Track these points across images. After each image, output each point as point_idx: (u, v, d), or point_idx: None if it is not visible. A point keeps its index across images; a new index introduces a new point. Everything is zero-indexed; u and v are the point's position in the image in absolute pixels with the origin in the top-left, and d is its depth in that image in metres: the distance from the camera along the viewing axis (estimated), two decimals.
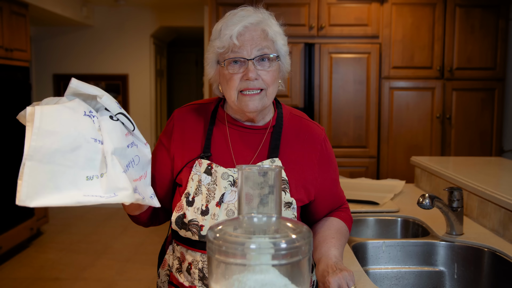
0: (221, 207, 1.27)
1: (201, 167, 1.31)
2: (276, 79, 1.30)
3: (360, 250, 1.77)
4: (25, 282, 3.98)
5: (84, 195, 1.06)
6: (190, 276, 1.30)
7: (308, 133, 1.39)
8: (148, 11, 6.35)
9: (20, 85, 4.67)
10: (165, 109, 7.39)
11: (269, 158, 1.31)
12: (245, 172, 0.89)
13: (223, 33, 1.26)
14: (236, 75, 1.26)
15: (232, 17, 1.27)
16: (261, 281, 0.83)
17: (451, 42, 4.01)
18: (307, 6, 3.98)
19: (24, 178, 1.00)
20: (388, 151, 4.07)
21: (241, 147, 1.34)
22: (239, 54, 1.25)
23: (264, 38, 1.27)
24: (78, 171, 1.07)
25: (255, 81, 1.26)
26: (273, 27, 1.30)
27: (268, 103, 1.31)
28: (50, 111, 1.06)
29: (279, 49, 1.31)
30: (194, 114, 1.40)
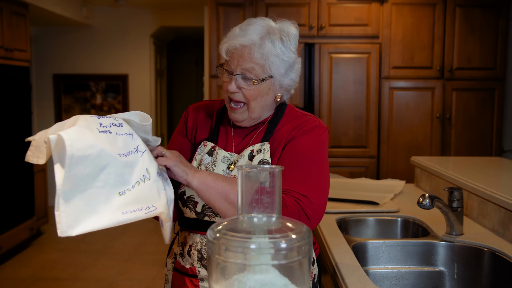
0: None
1: (205, 148, 1.44)
2: (258, 95, 1.36)
3: (360, 250, 1.77)
4: (25, 282, 3.98)
5: (122, 213, 1.07)
6: (190, 258, 1.40)
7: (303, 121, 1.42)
8: (148, 11, 6.35)
9: (20, 85, 4.67)
10: (165, 109, 7.39)
11: (261, 142, 1.39)
12: (245, 172, 0.89)
13: (222, 42, 1.39)
14: (226, 83, 1.39)
15: (234, 30, 1.37)
16: (261, 281, 0.83)
17: (451, 42, 4.01)
18: (307, 6, 3.98)
19: (61, 209, 1.00)
20: (388, 151, 4.07)
21: (241, 138, 1.45)
22: (227, 67, 1.37)
23: (248, 60, 1.33)
24: (110, 189, 1.07)
25: (235, 94, 1.37)
26: (266, 48, 1.33)
27: (253, 116, 1.40)
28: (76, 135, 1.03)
29: (270, 69, 1.35)
30: (207, 107, 1.55)
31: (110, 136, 1.11)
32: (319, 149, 1.37)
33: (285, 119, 1.43)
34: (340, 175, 3.15)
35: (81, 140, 1.03)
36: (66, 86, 6.46)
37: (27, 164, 4.77)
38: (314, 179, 1.32)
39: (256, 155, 1.36)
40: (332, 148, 4.02)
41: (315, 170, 1.34)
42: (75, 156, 1.02)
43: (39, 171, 5.12)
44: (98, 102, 6.45)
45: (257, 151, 1.37)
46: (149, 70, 6.48)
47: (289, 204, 1.26)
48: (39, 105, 6.47)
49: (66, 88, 6.46)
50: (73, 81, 6.45)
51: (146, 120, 1.21)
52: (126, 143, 1.13)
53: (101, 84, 6.44)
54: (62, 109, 6.47)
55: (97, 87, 6.45)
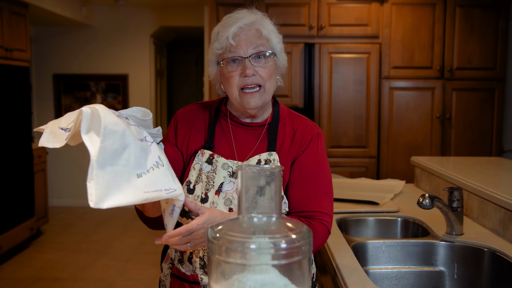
0: (220, 196, 1.34)
1: (203, 157, 1.40)
2: (272, 74, 1.39)
3: (360, 250, 1.77)
4: (25, 282, 3.98)
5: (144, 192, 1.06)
6: (192, 265, 1.37)
7: (304, 127, 1.44)
8: (148, 11, 6.35)
9: (20, 85, 4.67)
10: (165, 109, 7.39)
11: (268, 151, 1.38)
12: (245, 172, 0.89)
13: (220, 35, 1.36)
14: (235, 73, 1.35)
15: (228, 20, 1.37)
16: (261, 281, 0.83)
17: (451, 42, 4.01)
18: (307, 6, 3.98)
19: (94, 179, 1.00)
20: (388, 151, 4.07)
21: (242, 141, 1.43)
22: (236, 53, 1.34)
23: (258, 37, 1.36)
24: (131, 170, 1.08)
25: (252, 77, 1.34)
26: (266, 26, 1.38)
27: (267, 98, 1.40)
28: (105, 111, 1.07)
29: (274, 46, 1.39)
30: (197, 111, 1.50)
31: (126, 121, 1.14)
32: (324, 159, 1.42)
33: (282, 121, 1.45)
34: (340, 175, 3.15)
35: (110, 116, 1.06)
36: (66, 86, 6.46)
37: (27, 164, 4.77)
38: (326, 192, 1.39)
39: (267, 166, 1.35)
40: (332, 148, 4.02)
41: (326, 183, 1.40)
42: (107, 128, 1.03)
43: (39, 171, 5.12)
44: (98, 102, 6.45)
45: (266, 161, 1.37)
46: (149, 70, 6.48)
47: (319, 229, 1.32)
48: (39, 105, 6.47)
49: (66, 88, 6.46)
50: (73, 81, 6.45)
51: (147, 115, 1.22)
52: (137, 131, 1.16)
53: (101, 84, 6.44)
54: (62, 109, 6.47)
55: (97, 87, 6.45)
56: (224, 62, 1.36)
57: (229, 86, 1.37)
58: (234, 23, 1.34)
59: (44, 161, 5.25)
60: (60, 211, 6.21)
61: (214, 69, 1.43)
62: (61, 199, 6.52)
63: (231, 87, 1.37)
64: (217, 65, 1.41)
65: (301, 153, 1.39)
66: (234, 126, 1.45)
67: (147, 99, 6.49)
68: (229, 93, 1.39)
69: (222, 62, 1.36)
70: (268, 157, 1.37)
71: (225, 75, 1.38)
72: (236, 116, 1.46)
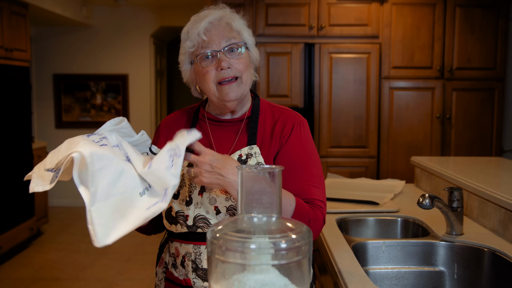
0: (204, 196, 1.32)
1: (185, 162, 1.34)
2: (248, 66, 1.38)
3: (360, 250, 1.77)
4: (25, 282, 3.98)
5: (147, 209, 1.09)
6: (184, 269, 1.36)
7: (284, 117, 1.42)
8: (148, 11, 6.35)
9: (20, 85, 4.67)
10: (165, 109, 7.39)
11: (248, 145, 1.36)
12: (245, 173, 0.89)
13: (191, 33, 1.35)
14: (210, 68, 1.34)
15: (197, 17, 1.38)
16: (261, 281, 0.83)
17: (451, 42, 4.01)
18: (307, 6, 3.98)
19: (93, 221, 1.04)
20: (388, 151, 4.07)
21: (221, 139, 1.41)
22: (209, 48, 1.33)
23: (229, 30, 1.36)
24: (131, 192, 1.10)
25: (228, 70, 1.33)
26: (236, 20, 1.39)
27: (245, 90, 1.38)
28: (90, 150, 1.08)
29: (245, 39, 1.39)
30: (177, 118, 1.51)
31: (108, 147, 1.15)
32: (310, 147, 1.39)
33: (262, 114, 1.43)
34: (340, 175, 3.15)
35: (95, 153, 1.08)
36: (66, 86, 6.46)
37: (27, 164, 4.77)
38: (317, 180, 1.35)
39: (249, 160, 1.34)
40: (332, 148, 4.02)
41: (315, 170, 1.37)
42: (94, 171, 1.06)
43: None
44: (98, 102, 6.45)
45: (247, 155, 1.34)
46: (149, 70, 6.48)
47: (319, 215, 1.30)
48: (39, 105, 6.47)
49: (66, 88, 6.46)
50: (73, 81, 6.45)
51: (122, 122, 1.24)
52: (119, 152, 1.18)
53: (101, 84, 6.44)
54: (62, 109, 6.47)
55: (97, 87, 6.45)
56: (198, 59, 1.35)
57: (206, 82, 1.35)
58: (203, 19, 1.34)
59: None
60: (60, 211, 6.21)
61: (188, 70, 1.41)
62: (61, 199, 6.52)
63: (207, 83, 1.35)
64: (191, 64, 1.40)
65: (284, 143, 1.36)
66: (212, 125, 1.44)
67: (147, 99, 6.49)
68: (206, 90, 1.37)
69: (197, 59, 1.35)
70: (249, 151, 1.35)
71: (200, 72, 1.36)
72: (214, 115, 1.45)
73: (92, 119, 6.46)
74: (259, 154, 1.34)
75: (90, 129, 6.46)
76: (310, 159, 1.37)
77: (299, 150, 1.36)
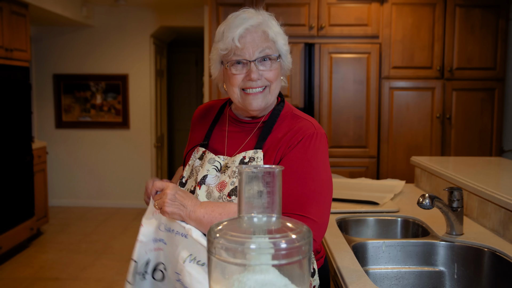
0: (202, 188, 1.34)
1: (198, 153, 1.44)
2: (278, 76, 1.38)
3: (360, 250, 1.77)
4: (25, 282, 3.98)
5: None
6: None
7: (298, 128, 1.36)
8: (148, 11, 6.35)
9: (20, 85, 4.67)
10: (165, 109, 7.39)
11: (254, 149, 1.36)
12: (245, 172, 0.89)
13: (225, 36, 1.32)
14: (239, 75, 1.34)
15: (234, 19, 1.33)
16: (261, 281, 0.83)
17: (451, 42, 4.01)
18: (307, 6, 3.98)
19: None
20: (388, 151, 4.07)
21: (234, 138, 1.43)
22: (241, 56, 1.32)
23: (265, 40, 1.33)
24: None
25: (258, 81, 1.33)
26: (273, 28, 1.35)
27: (271, 100, 1.38)
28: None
29: (280, 48, 1.37)
30: (206, 110, 1.56)
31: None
32: (316, 160, 1.31)
33: (280, 121, 1.39)
34: (340, 175, 3.15)
35: None
36: (66, 86, 6.46)
37: (27, 164, 4.77)
38: (314, 196, 1.26)
39: (250, 163, 1.33)
40: (332, 148, 4.02)
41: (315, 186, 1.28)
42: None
43: (39, 171, 5.12)
44: (98, 102, 6.45)
45: (250, 158, 1.33)
46: (149, 70, 6.48)
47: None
48: (39, 105, 6.47)
49: (66, 88, 6.46)
50: (73, 81, 6.44)
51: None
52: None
53: (101, 84, 6.44)
54: (62, 109, 6.47)
55: (97, 87, 6.45)
56: (228, 64, 1.34)
57: (231, 86, 1.36)
58: (241, 24, 1.31)
59: (44, 161, 5.25)
60: (60, 211, 6.21)
61: (217, 69, 1.41)
62: (61, 199, 6.52)
63: (232, 87, 1.36)
64: (221, 65, 1.39)
65: (287, 153, 1.31)
66: (231, 124, 1.46)
67: (147, 99, 6.49)
68: (230, 94, 1.39)
69: (227, 64, 1.34)
70: (253, 155, 1.34)
71: (228, 76, 1.36)
72: (236, 114, 1.46)
73: (92, 119, 6.46)
74: (261, 159, 1.33)
75: (90, 129, 6.46)
76: (311, 173, 1.28)
77: (302, 161, 1.29)
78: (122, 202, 6.52)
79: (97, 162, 6.50)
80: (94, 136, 6.49)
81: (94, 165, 6.50)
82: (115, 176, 6.51)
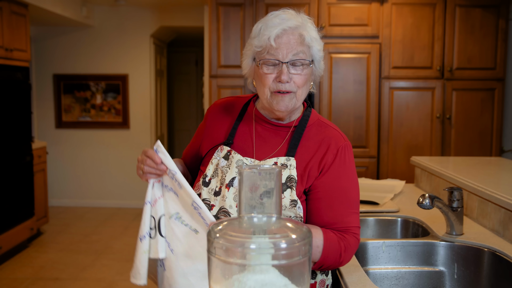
0: (230, 190, 1.33)
1: (221, 152, 1.40)
2: (307, 82, 1.36)
3: (360, 250, 1.77)
4: (25, 282, 3.98)
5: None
6: None
7: (328, 138, 1.39)
8: (148, 11, 6.35)
9: (20, 85, 4.67)
10: (165, 109, 7.39)
11: (286, 156, 1.35)
12: (245, 173, 0.89)
13: (262, 33, 1.32)
14: (270, 75, 1.33)
15: (273, 18, 1.33)
16: (261, 281, 0.83)
17: (451, 42, 4.01)
18: (307, 6, 3.98)
19: None
20: (388, 151, 4.07)
21: (263, 142, 1.41)
22: (275, 56, 1.31)
23: (300, 43, 1.32)
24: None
25: (286, 84, 1.32)
26: (310, 32, 1.35)
27: (297, 104, 1.37)
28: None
29: (314, 54, 1.36)
30: (227, 106, 1.51)
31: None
32: (352, 172, 1.39)
33: (309, 128, 1.41)
34: None
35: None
36: (66, 86, 6.46)
37: (27, 164, 4.77)
38: (356, 206, 1.36)
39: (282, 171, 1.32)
40: None
41: (355, 196, 1.37)
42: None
43: (39, 171, 5.12)
44: (98, 102, 6.45)
45: (282, 165, 1.33)
46: (149, 70, 6.48)
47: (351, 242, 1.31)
48: (39, 105, 6.47)
49: (66, 88, 6.46)
50: (73, 81, 6.44)
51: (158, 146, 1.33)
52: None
53: (101, 84, 6.44)
54: (62, 109, 6.47)
55: (97, 87, 6.45)
56: (261, 62, 1.34)
57: (262, 86, 1.35)
58: (279, 24, 1.31)
59: (44, 161, 5.25)
60: (60, 211, 6.21)
61: (249, 64, 1.40)
62: (61, 199, 6.52)
63: (263, 87, 1.35)
64: (253, 61, 1.38)
65: (326, 169, 1.35)
66: (259, 124, 1.43)
67: (147, 99, 6.49)
68: (260, 92, 1.38)
69: (260, 62, 1.34)
70: (285, 161, 1.34)
71: (259, 75, 1.35)
72: (263, 114, 1.44)
73: (92, 119, 6.46)
74: (294, 167, 1.33)
75: (90, 129, 6.46)
76: (351, 185, 1.36)
77: (341, 177, 1.35)
78: (122, 202, 6.52)
79: (97, 162, 6.50)
80: (94, 136, 6.49)
81: (94, 165, 6.50)
82: (115, 176, 6.51)
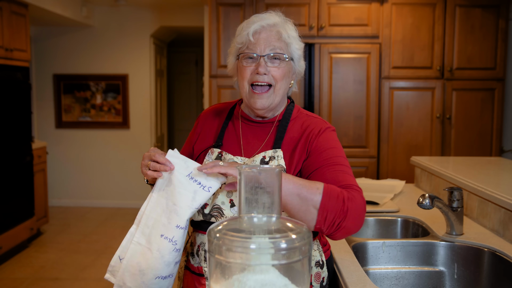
0: (222, 187, 1.36)
1: (213, 154, 1.45)
2: (285, 76, 1.43)
3: (360, 250, 1.77)
4: (25, 282, 3.98)
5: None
6: (198, 258, 1.43)
7: (313, 124, 1.45)
8: (148, 11, 6.35)
9: (20, 85, 4.67)
10: (165, 109, 7.39)
11: (273, 149, 1.40)
12: (245, 173, 0.89)
13: (243, 30, 1.42)
14: (249, 68, 1.41)
15: (254, 18, 1.43)
16: (261, 281, 0.83)
17: (451, 42, 4.01)
18: (307, 6, 3.98)
19: None
20: (388, 151, 4.07)
21: (250, 139, 1.47)
22: (253, 50, 1.40)
23: (278, 39, 1.40)
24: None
25: (264, 76, 1.39)
26: (289, 31, 1.43)
27: (276, 100, 1.43)
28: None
29: (292, 52, 1.44)
30: (215, 112, 1.58)
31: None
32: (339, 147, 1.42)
33: (293, 121, 1.47)
34: None
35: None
36: (66, 86, 6.46)
37: (27, 164, 4.77)
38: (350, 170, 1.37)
39: (271, 162, 1.38)
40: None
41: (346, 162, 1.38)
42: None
43: (39, 171, 5.12)
44: (98, 102, 6.45)
45: (270, 158, 1.39)
46: (149, 70, 6.48)
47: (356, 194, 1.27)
48: (39, 105, 6.47)
49: (66, 88, 6.46)
50: (73, 81, 6.44)
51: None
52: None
53: (101, 84, 6.44)
54: (62, 109, 6.47)
55: (97, 87, 6.45)
56: (240, 56, 1.42)
57: (241, 79, 1.42)
58: (258, 21, 1.40)
59: (44, 161, 5.25)
60: (60, 211, 6.21)
61: (232, 62, 1.48)
62: (61, 199, 6.52)
63: (242, 80, 1.42)
64: (236, 59, 1.46)
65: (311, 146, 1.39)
66: (245, 124, 1.50)
67: (147, 99, 6.49)
68: (240, 87, 1.45)
69: (239, 56, 1.42)
70: (273, 154, 1.39)
71: (239, 69, 1.43)
72: (247, 113, 1.50)
73: (92, 119, 6.46)
74: (281, 157, 1.38)
75: (90, 129, 6.46)
76: (339, 155, 1.39)
77: (328, 148, 1.39)
78: (122, 202, 6.53)
79: (97, 162, 6.50)
80: (94, 136, 6.49)
81: (94, 165, 6.50)
82: (115, 176, 6.51)
